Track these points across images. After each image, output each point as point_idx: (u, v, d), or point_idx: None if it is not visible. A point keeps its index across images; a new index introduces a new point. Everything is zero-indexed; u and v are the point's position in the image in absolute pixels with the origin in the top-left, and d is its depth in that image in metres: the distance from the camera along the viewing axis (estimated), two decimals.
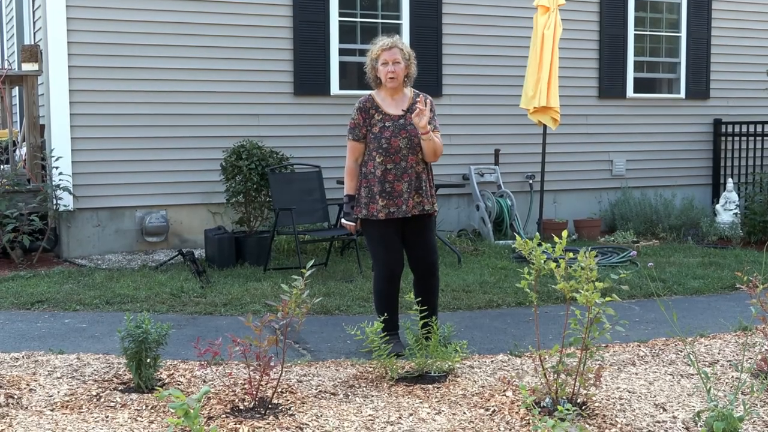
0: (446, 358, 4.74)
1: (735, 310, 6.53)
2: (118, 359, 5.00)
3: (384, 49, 5.14)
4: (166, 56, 8.79)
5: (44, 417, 4.07)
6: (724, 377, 4.83)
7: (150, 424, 4.00)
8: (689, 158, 11.52)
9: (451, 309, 6.64)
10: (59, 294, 6.91)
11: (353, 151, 5.22)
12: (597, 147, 10.93)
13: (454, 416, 4.15)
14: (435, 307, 5.25)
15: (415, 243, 5.23)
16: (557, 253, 4.12)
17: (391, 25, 9.81)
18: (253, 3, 9.13)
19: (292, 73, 9.32)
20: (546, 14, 8.86)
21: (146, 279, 7.47)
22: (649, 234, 10.26)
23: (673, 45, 11.47)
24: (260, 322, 4.11)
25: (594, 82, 10.85)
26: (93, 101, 8.55)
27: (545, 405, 4.12)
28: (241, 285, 7.28)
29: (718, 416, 3.61)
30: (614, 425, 4.04)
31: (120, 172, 8.69)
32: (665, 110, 11.36)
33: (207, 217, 9.04)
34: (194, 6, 8.88)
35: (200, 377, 4.72)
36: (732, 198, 10.29)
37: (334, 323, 6.12)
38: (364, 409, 4.24)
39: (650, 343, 5.59)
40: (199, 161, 8.93)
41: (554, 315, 6.25)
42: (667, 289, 7.38)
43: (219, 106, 9.04)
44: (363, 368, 4.94)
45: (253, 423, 3.96)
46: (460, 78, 10.06)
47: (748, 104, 11.65)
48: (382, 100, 5.21)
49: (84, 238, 8.63)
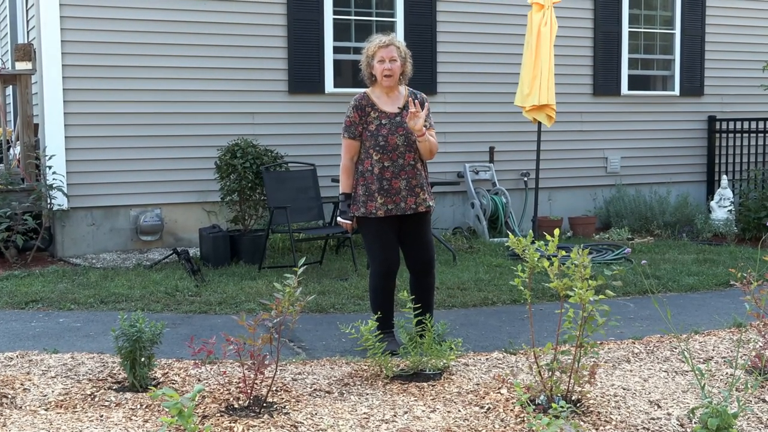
0: (441, 356, 4.74)
1: (729, 306, 6.54)
2: (112, 358, 4.99)
3: (381, 47, 5.12)
4: (160, 55, 8.77)
5: (38, 416, 4.07)
6: (718, 374, 4.84)
7: (144, 423, 3.99)
8: (684, 155, 11.53)
9: (446, 307, 6.64)
10: (54, 293, 6.90)
11: (349, 149, 5.20)
12: (592, 144, 10.94)
13: (449, 414, 4.15)
14: (431, 305, 5.24)
15: (412, 241, 5.23)
16: (551, 250, 4.12)
17: (386, 23, 9.81)
18: (247, 1, 9.12)
19: (287, 71, 9.31)
20: (540, 11, 8.85)
21: (141, 278, 7.46)
22: (643, 231, 10.27)
23: (668, 42, 11.48)
24: (254, 320, 4.11)
25: (588, 80, 10.86)
26: (87, 100, 8.53)
27: (540, 402, 4.13)
28: (236, 284, 7.27)
29: (713, 413, 3.62)
30: (609, 422, 4.05)
31: (114, 171, 8.67)
32: (660, 107, 11.38)
33: (202, 215, 9.03)
34: (188, 5, 8.87)
35: (195, 376, 4.72)
36: (726, 195, 10.30)
37: (329, 321, 6.12)
38: (359, 408, 4.24)
39: (645, 340, 5.60)
40: (194, 160, 8.92)
41: (549, 312, 6.26)
42: (661, 286, 7.39)
43: (213, 105, 9.03)
44: (358, 366, 4.94)
45: (248, 422, 3.96)
46: (454, 76, 10.06)
47: (742, 101, 11.66)
48: (377, 98, 5.20)
49: (78, 237, 8.62)
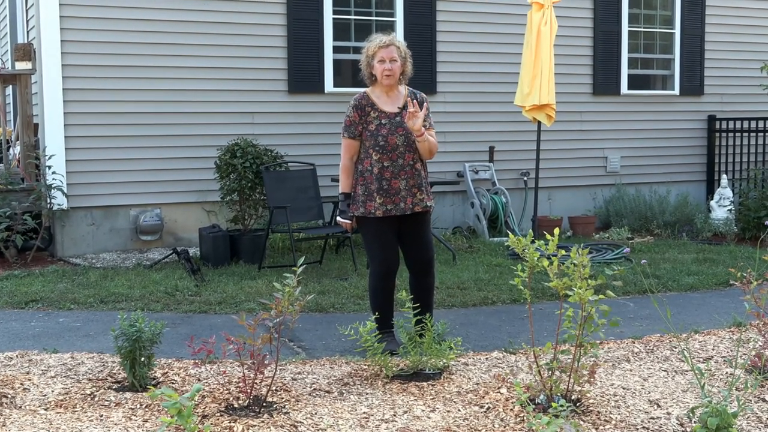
0: (441, 356, 4.74)
1: (729, 306, 6.54)
2: (112, 358, 4.99)
3: (381, 47, 5.11)
4: (160, 55, 8.77)
5: (38, 416, 4.07)
6: (718, 373, 4.84)
7: (144, 423, 3.99)
8: (683, 154, 11.52)
9: (446, 306, 6.64)
10: (53, 293, 6.90)
11: (349, 149, 5.20)
12: (591, 144, 10.93)
13: (448, 413, 4.15)
14: (430, 304, 5.24)
15: (412, 240, 5.23)
16: (550, 250, 4.12)
17: (386, 23, 9.81)
18: (247, 1, 9.11)
19: (287, 70, 9.31)
20: (540, 11, 8.84)
21: (141, 278, 7.46)
22: (643, 230, 10.27)
23: (668, 41, 11.48)
24: (254, 320, 4.11)
25: (588, 79, 10.85)
26: (87, 100, 8.53)
27: (540, 402, 4.13)
28: (235, 283, 7.27)
29: (713, 412, 3.62)
30: (608, 422, 4.05)
31: (114, 171, 8.67)
32: (660, 107, 11.37)
33: (201, 215, 9.02)
34: (189, 5, 8.86)
35: (194, 376, 4.71)
36: (726, 194, 10.29)
37: (328, 321, 6.12)
38: (359, 407, 4.24)
39: (644, 340, 5.60)
40: (194, 159, 8.91)
41: (549, 312, 6.26)
42: (661, 285, 7.39)
43: (213, 104, 9.02)
44: (358, 366, 4.94)
45: (248, 421, 3.96)
46: (454, 75, 10.06)
47: (742, 100, 11.66)
48: (377, 98, 5.20)
49: (78, 237, 8.61)
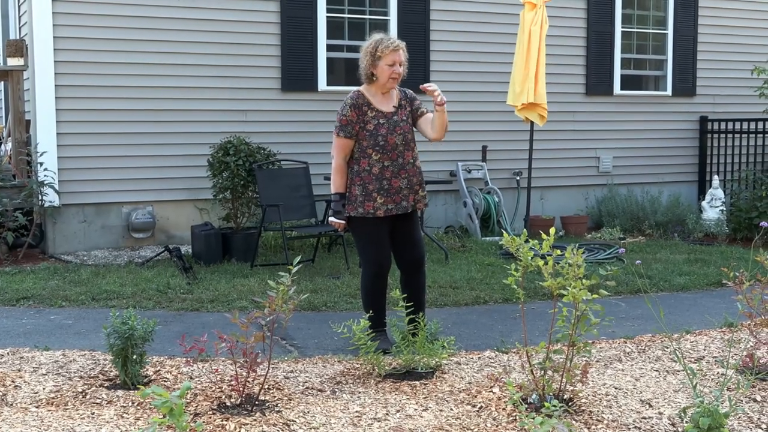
0: (433, 355, 4.74)
1: (721, 306, 6.56)
2: (104, 356, 4.97)
3: (393, 50, 5.11)
4: (153, 51, 8.75)
5: (30, 414, 4.05)
6: (710, 373, 4.85)
7: (136, 421, 3.98)
8: (675, 155, 11.56)
9: (438, 305, 6.64)
10: (45, 290, 6.88)
11: (343, 149, 5.18)
12: (584, 144, 10.95)
13: (441, 412, 4.15)
14: (422, 303, 5.25)
15: (404, 240, 5.23)
16: (545, 249, 4.12)
17: (379, 21, 9.81)
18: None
19: (280, 68, 9.29)
20: (533, 10, 8.85)
21: (132, 275, 7.44)
22: (635, 231, 10.29)
23: (660, 42, 11.50)
24: (247, 318, 4.10)
25: (581, 79, 10.87)
26: (79, 96, 8.50)
27: (532, 401, 4.13)
28: (227, 281, 7.26)
29: (704, 412, 3.63)
30: (601, 421, 4.06)
31: (106, 168, 8.64)
32: (652, 107, 11.40)
33: (194, 213, 9.00)
34: (182, 1, 8.84)
35: (186, 374, 4.70)
36: (718, 195, 10.32)
37: (321, 320, 6.11)
38: (351, 406, 4.24)
39: (636, 340, 5.61)
40: (186, 157, 8.89)
41: (541, 311, 6.26)
42: (653, 285, 7.40)
43: (206, 102, 9.00)
44: (350, 365, 4.94)
45: (240, 419, 3.95)
46: (447, 74, 10.04)
47: (734, 101, 11.69)
48: (372, 97, 5.20)
49: (70, 234, 8.58)
